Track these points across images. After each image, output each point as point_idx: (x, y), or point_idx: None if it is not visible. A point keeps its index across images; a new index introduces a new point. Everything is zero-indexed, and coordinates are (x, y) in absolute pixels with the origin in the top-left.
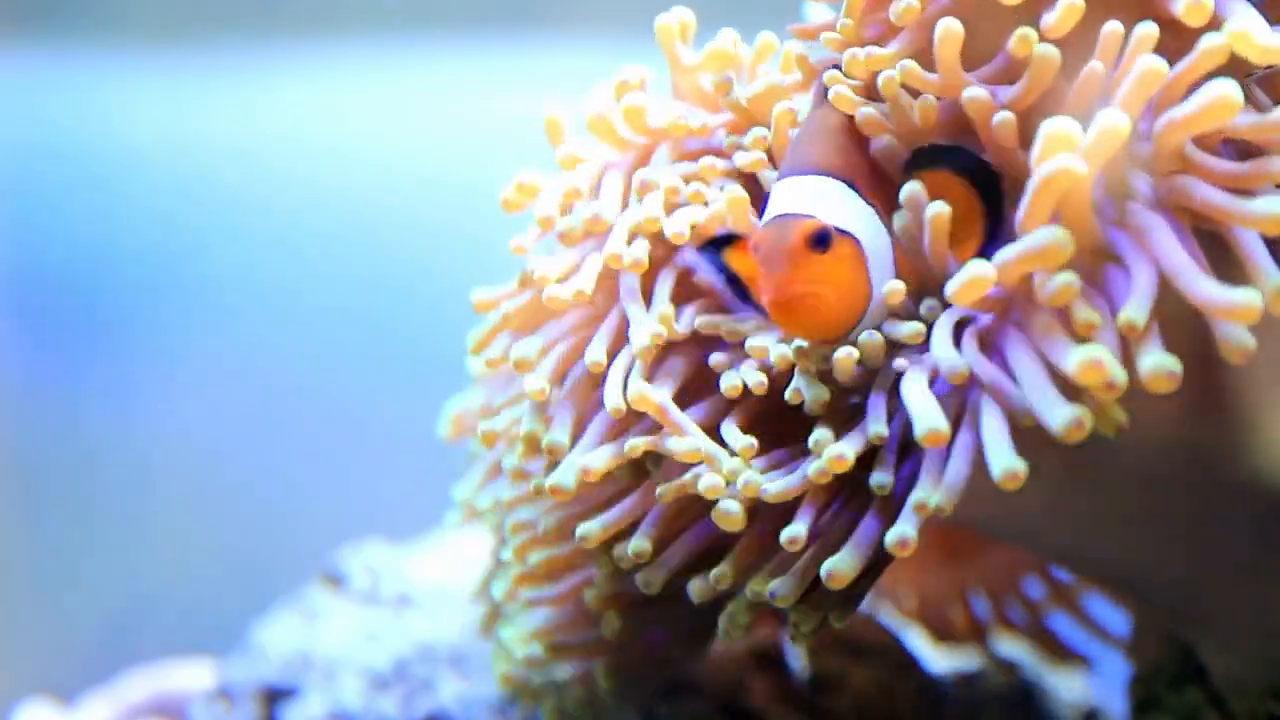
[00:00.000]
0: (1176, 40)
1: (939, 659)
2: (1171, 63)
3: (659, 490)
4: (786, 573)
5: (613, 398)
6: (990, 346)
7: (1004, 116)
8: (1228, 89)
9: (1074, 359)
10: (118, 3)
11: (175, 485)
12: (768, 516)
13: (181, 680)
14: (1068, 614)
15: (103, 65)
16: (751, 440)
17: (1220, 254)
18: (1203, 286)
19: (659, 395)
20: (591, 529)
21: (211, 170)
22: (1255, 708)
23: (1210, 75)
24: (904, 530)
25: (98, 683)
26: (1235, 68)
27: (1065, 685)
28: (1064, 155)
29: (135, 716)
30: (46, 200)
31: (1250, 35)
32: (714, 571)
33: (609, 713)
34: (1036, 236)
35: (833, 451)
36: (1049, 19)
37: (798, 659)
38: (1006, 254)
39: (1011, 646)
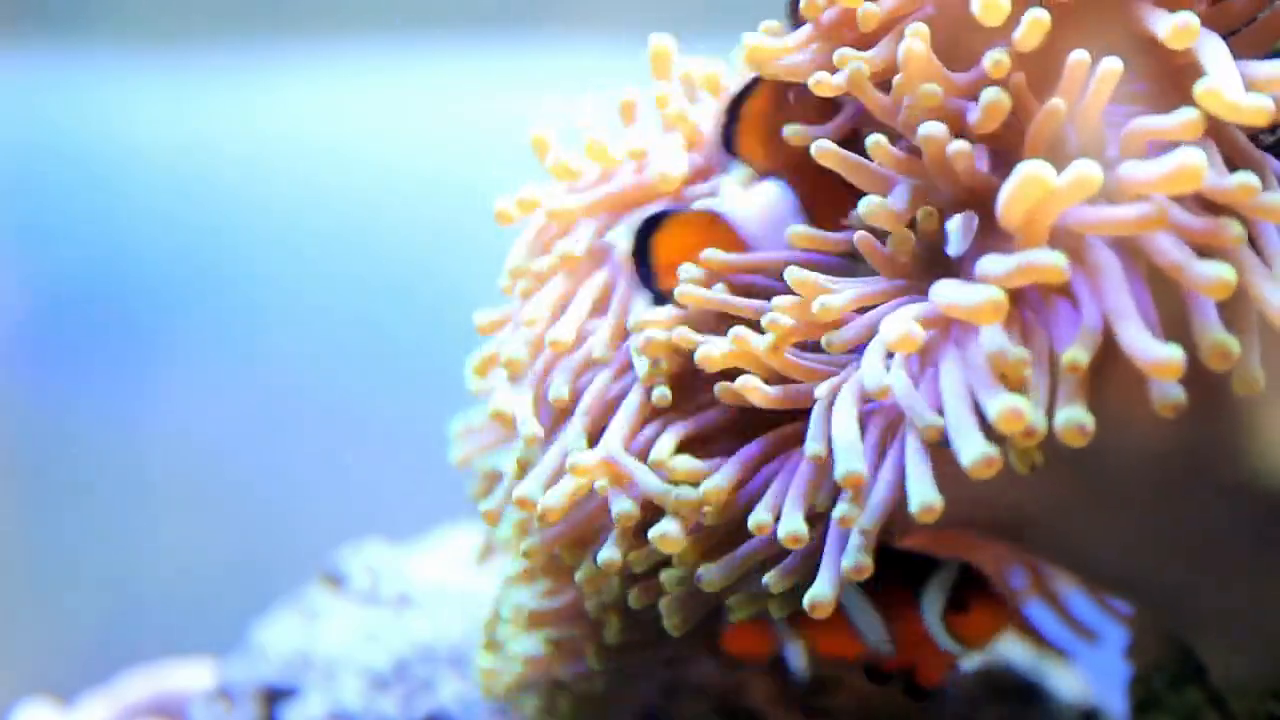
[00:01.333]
0: (1158, 62)
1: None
2: (1149, 79)
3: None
4: (720, 560)
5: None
6: (927, 361)
7: (959, 147)
8: (1193, 160)
9: (995, 405)
10: (117, 3)
11: (175, 485)
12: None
13: (181, 680)
14: (1049, 607)
15: (103, 65)
16: (692, 464)
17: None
18: (1134, 337)
19: (591, 457)
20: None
21: (211, 170)
22: (1255, 708)
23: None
24: (858, 559)
25: (97, 683)
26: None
27: (1065, 685)
28: (1045, 253)
29: (135, 716)
30: (46, 200)
31: (1220, 93)
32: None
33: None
34: (975, 292)
35: (790, 529)
36: (1018, 34)
37: (798, 659)
38: (946, 294)
39: (1012, 646)
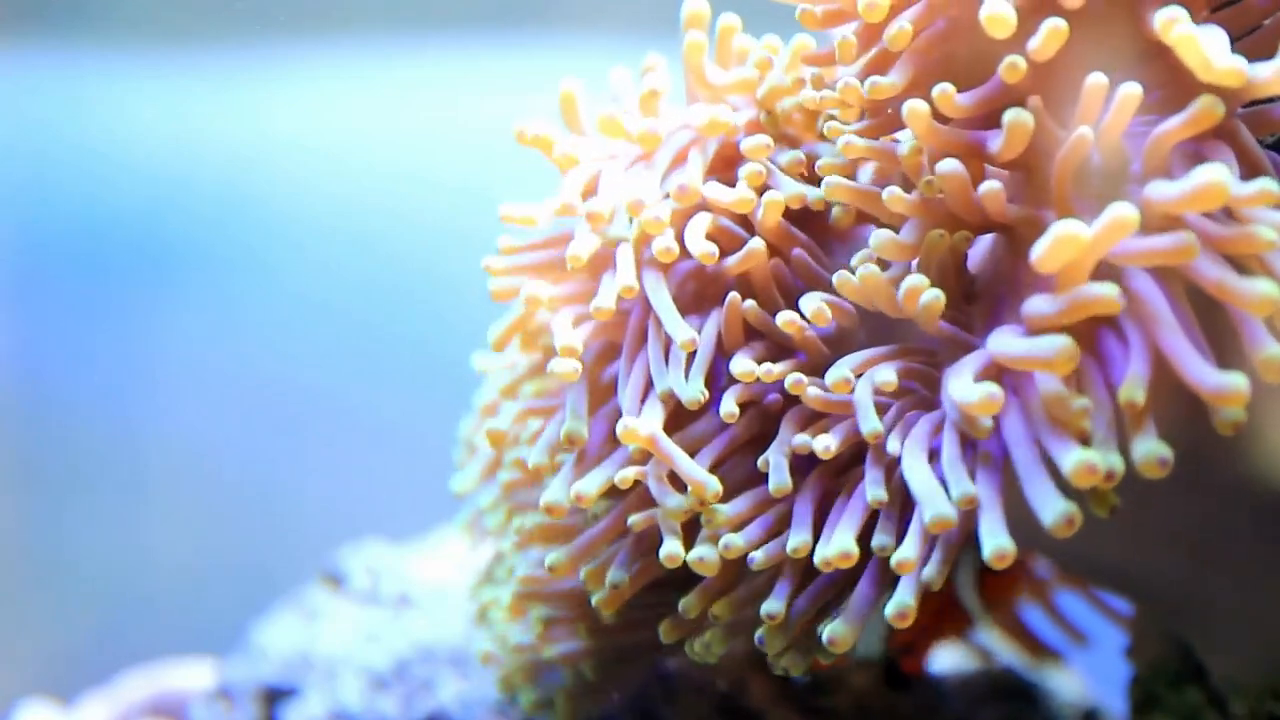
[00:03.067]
0: (1168, 68)
1: (938, 659)
2: (1161, 86)
3: (630, 521)
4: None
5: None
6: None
7: (990, 187)
8: (1217, 176)
9: (1069, 461)
10: (117, 3)
11: (176, 485)
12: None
13: (181, 680)
14: (1041, 608)
15: (103, 65)
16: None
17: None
18: (1198, 371)
19: (647, 426)
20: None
21: (211, 170)
22: (1255, 708)
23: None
24: (904, 600)
25: (97, 683)
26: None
27: (1065, 685)
28: (1092, 286)
29: (135, 717)
30: (46, 199)
31: (1194, 40)
32: (682, 602)
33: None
34: (1044, 345)
35: (839, 549)
36: (1034, 43)
37: None
38: (1011, 348)
39: (1012, 646)
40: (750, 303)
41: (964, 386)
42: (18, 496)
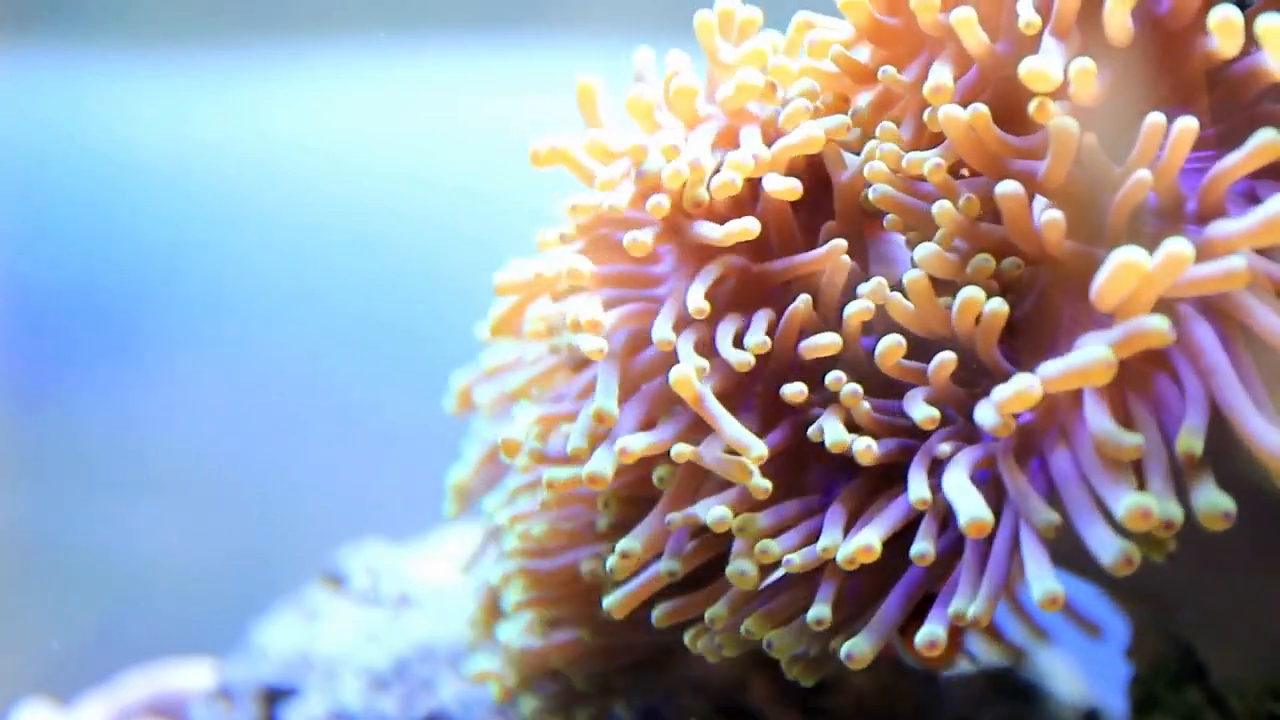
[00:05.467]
0: (1222, 101)
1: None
2: (1216, 121)
3: (667, 519)
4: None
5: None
6: (1031, 450)
7: (1052, 216)
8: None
9: (1123, 505)
10: (118, 3)
11: (176, 485)
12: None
13: (181, 680)
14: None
15: (103, 66)
16: (766, 484)
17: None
18: (1257, 429)
19: (699, 383)
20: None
21: (211, 170)
22: (1255, 708)
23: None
24: (934, 631)
25: (96, 683)
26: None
27: (1065, 685)
28: (1150, 319)
29: (134, 717)
30: (47, 199)
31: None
32: (709, 612)
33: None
34: (1081, 357)
35: (862, 541)
36: (1072, 89)
37: None
38: (1052, 369)
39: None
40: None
41: (1004, 390)
42: (18, 496)
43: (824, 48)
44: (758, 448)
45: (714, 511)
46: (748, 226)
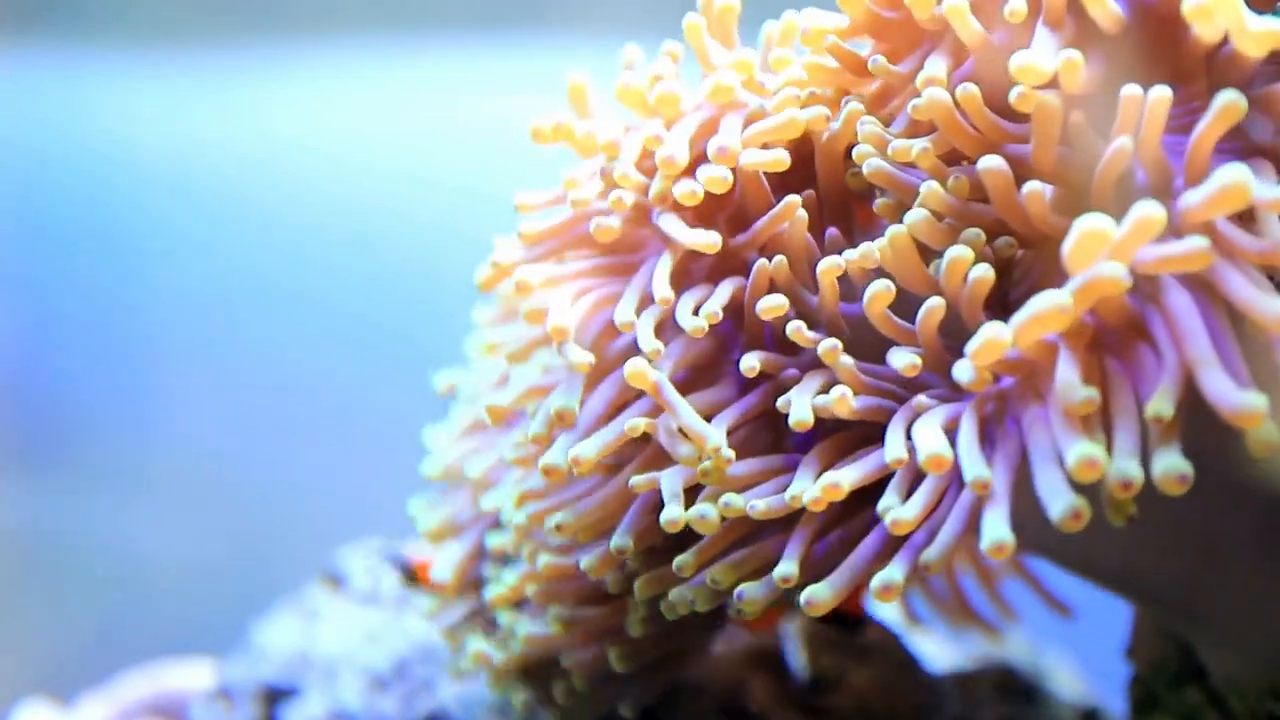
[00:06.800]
0: (1213, 82)
1: (939, 658)
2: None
3: (631, 481)
4: (759, 580)
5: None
6: (1008, 413)
7: (1032, 188)
8: (1237, 176)
9: (1073, 454)
10: (118, 3)
11: (176, 485)
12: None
13: (181, 680)
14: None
15: (102, 65)
16: (729, 453)
17: None
18: (1216, 388)
19: (655, 373)
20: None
21: (211, 170)
22: (1255, 708)
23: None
24: (891, 575)
25: (96, 683)
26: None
27: (1065, 685)
28: (1106, 265)
29: (134, 717)
30: (46, 200)
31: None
32: (676, 560)
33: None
34: (1042, 302)
35: (829, 479)
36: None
37: (797, 659)
38: (1017, 317)
39: (1013, 646)
40: (780, 261)
41: (974, 341)
42: (17, 496)
43: (818, 35)
44: (714, 438)
45: (683, 449)
46: (710, 240)
